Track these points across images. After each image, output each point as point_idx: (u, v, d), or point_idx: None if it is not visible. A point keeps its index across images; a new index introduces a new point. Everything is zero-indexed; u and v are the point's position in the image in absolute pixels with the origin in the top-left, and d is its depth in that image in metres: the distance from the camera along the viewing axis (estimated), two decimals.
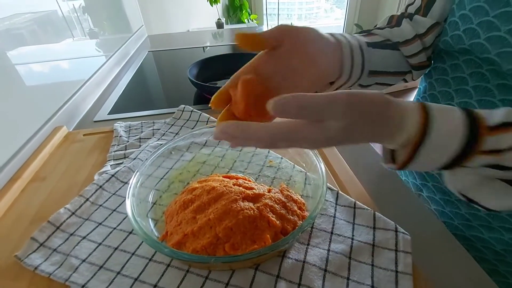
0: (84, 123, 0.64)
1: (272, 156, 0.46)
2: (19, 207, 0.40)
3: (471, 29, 0.36)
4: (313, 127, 0.23)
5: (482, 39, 0.35)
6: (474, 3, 0.35)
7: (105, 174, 0.43)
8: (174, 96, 0.78)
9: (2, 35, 0.50)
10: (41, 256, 0.32)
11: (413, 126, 0.24)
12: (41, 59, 0.62)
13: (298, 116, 0.22)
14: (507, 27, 0.31)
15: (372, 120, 0.23)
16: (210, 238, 0.28)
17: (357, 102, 0.23)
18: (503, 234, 0.42)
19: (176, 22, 2.01)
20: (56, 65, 0.67)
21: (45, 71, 0.63)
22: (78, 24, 0.82)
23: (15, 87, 0.51)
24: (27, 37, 0.58)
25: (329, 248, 0.32)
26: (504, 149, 0.23)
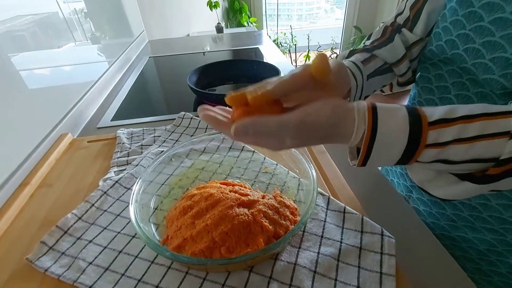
0: (88, 130, 0.67)
1: (267, 162, 0.49)
2: (29, 212, 0.43)
3: (451, 40, 0.38)
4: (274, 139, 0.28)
5: (460, 50, 0.37)
6: (454, 17, 0.37)
7: (109, 180, 0.45)
8: (175, 102, 0.80)
9: (4, 36, 0.52)
10: (50, 259, 0.35)
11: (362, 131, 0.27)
12: (44, 64, 0.64)
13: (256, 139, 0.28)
14: (481, 40, 0.34)
15: (321, 137, 0.28)
16: (208, 242, 0.31)
17: (303, 130, 0.27)
18: (486, 235, 0.44)
19: (176, 26, 2.04)
20: (59, 71, 0.70)
21: (50, 77, 0.65)
22: (79, 27, 0.83)
23: (21, 94, 0.53)
24: (28, 39, 0.59)
25: (319, 251, 0.35)
26: (445, 142, 0.26)
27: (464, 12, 0.35)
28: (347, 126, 0.27)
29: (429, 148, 0.27)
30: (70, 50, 0.77)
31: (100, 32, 0.97)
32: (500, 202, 0.41)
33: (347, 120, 0.27)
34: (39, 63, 0.62)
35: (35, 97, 0.57)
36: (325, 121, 0.27)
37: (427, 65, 0.46)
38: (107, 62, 0.96)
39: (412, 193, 0.53)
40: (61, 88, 0.67)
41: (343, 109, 0.28)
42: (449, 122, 0.27)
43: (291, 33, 3.15)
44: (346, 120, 0.27)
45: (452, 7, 0.37)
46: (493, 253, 0.45)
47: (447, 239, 0.49)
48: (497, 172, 0.26)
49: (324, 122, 0.27)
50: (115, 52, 1.05)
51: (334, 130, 0.27)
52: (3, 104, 0.48)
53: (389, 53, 0.44)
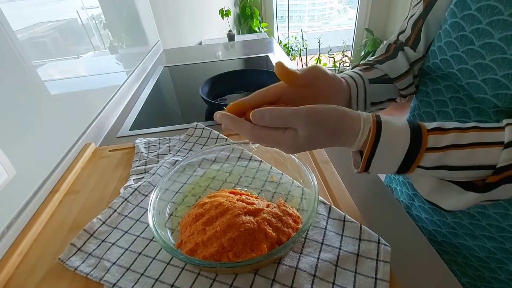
0: (108, 139, 0.72)
1: (273, 172, 0.52)
2: (59, 216, 0.48)
3: (446, 59, 0.41)
4: (288, 135, 0.30)
5: (455, 69, 0.39)
6: (447, 38, 0.40)
7: (129, 188, 0.50)
8: (188, 112, 0.85)
9: (27, 43, 0.55)
10: (79, 259, 0.39)
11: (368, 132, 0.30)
12: (67, 74, 0.69)
13: (271, 124, 0.30)
14: (472, 62, 0.36)
15: (329, 131, 0.30)
16: (217, 247, 0.34)
17: (314, 118, 0.29)
18: (485, 242, 0.45)
19: (189, 34, 2.11)
20: (82, 81, 0.75)
21: (73, 87, 0.70)
22: (97, 32, 0.88)
23: (49, 105, 0.58)
24: (49, 45, 0.63)
25: (319, 256, 0.37)
26: (443, 146, 0.29)
27: (456, 35, 0.38)
28: (354, 123, 0.30)
29: (430, 152, 0.29)
30: (90, 60, 0.82)
31: (118, 41, 1.03)
32: (498, 211, 0.42)
33: (352, 118, 0.30)
34: (62, 74, 0.67)
35: (62, 107, 0.62)
36: (333, 112, 0.30)
37: (426, 80, 0.48)
38: (125, 72, 1.02)
39: (414, 201, 0.55)
40: (84, 98, 0.73)
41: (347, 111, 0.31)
42: (445, 131, 0.30)
43: (302, 36, 3.17)
44: (351, 118, 0.30)
45: (446, 29, 0.40)
46: (493, 260, 0.46)
47: (449, 246, 0.51)
48: (495, 180, 0.28)
49: (333, 112, 0.30)
50: (133, 62, 1.11)
51: (341, 122, 0.30)
52: (36, 115, 0.53)
53: (391, 68, 0.47)
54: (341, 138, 0.31)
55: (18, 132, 0.48)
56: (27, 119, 0.50)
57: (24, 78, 0.53)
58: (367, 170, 0.32)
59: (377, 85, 0.46)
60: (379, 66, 0.47)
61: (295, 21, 3.95)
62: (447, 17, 0.40)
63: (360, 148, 0.32)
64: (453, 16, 0.39)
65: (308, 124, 0.29)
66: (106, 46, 0.95)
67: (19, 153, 0.47)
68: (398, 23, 2.97)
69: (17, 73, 0.51)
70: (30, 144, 0.50)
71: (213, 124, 0.74)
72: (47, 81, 0.59)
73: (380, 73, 0.47)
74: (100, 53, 0.89)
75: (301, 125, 0.29)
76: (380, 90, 0.47)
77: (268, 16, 3.22)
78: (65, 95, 0.65)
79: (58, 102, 0.61)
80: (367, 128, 0.30)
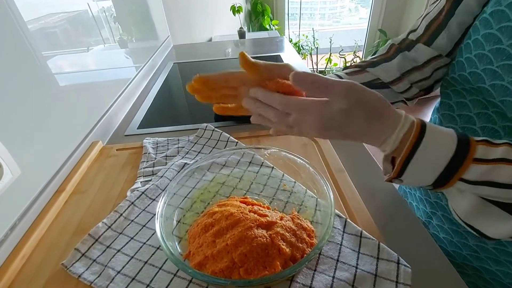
0: (116, 137, 0.71)
1: (286, 180, 0.50)
2: (64, 218, 0.47)
3: (477, 73, 0.37)
4: (320, 103, 0.28)
5: (487, 85, 0.36)
6: (479, 50, 0.36)
7: (136, 191, 0.48)
8: (197, 111, 0.83)
9: (39, 33, 0.54)
10: (83, 265, 0.38)
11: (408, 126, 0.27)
12: (76, 68, 0.68)
13: (310, 88, 0.29)
14: (510, 78, 0.33)
15: (369, 110, 0.28)
16: (227, 262, 0.32)
17: (356, 90, 0.28)
18: (510, 268, 0.43)
19: (199, 30, 2.09)
20: (90, 75, 0.73)
21: (81, 82, 0.68)
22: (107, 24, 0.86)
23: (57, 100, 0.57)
24: (60, 36, 0.62)
25: (334, 275, 0.35)
26: (494, 159, 0.26)
27: (491, 48, 0.34)
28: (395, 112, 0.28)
29: (477, 163, 0.26)
30: (100, 53, 0.80)
31: (128, 34, 1.01)
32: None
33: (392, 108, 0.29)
34: (71, 66, 0.65)
35: (69, 103, 0.60)
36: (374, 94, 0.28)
37: (449, 91, 0.45)
38: (135, 68, 1.00)
39: (432, 219, 0.52)
40: (92, 93, 0.71)
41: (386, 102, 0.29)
42: (495, 144, 0.27)
43: (313, 35, 3.12)
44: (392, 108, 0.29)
45: (478, 40, 0.36)
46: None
47: (470, 269, 0.48)
48: None
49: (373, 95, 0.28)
50: (142, 57, 1.09)
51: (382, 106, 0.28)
52: (42, 111, 0.52)
53: (384, 72, 0.45)
54: (380, 121, 0.28)
55: (23, 129, 0.46)
56: (33, 115, 0.49)
57: (33, 70, 0.51)
58: (401, 175, 0.29)
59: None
60: (371, 69, 0.45)
61: (305, 19, 3.89)
62: (478, 26, 0.37)
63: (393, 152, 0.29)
64: (488, 26, 0.35)
65: (348, 95, 0.27)
66: (115, 39, 0.93)
67: (24, 151, 0.45)
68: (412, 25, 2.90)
69: (26, 64, 0.49)
70: (36, 142, 0.49)
71: (223, 125, 0.72)
72: (57, 74, 0.58)
73: (371, 77, 0.45)
74: (109, 47, 0.88)
75: (341, 95, 0.27)
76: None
77: (279, 14, 3.18)
78: (73, 90, 0.64)
79: (65, 97, 0.59)
80: (408, 122, 0.27)
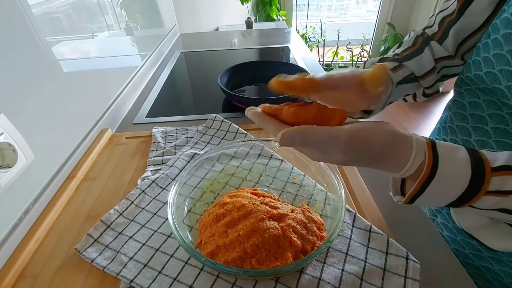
0: (124, 125, 0.71)
1: (295, 173, 0.50)
2: (75, 203, 0.47)
3: (493, 73, 0.37)
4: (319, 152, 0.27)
5: (503, 86, 0.36)
6: (497, 50, 0.36)
7: (147, 180, 0.49)
8: (205, 102, 0.83)
9: (42, 18, 0.53)
10: (96, 251, 0.39)
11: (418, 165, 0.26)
12: (82, 55, 0.67)
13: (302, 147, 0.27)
14: None
15: (370, 160, 0.27)
16: (240, 252, 0.33)
17: (354, 144, 0.26)
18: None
19: (206, 19, 2.06)
20: (97, 62, 0.72)
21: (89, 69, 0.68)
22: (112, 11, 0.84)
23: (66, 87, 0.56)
24: (63, 21, 0.61)
25: (343, 268, 0.36)
26: (509, 190, 0.25)
27: (510, 48, 0.34)
28: (403, 151, 0.26)
29: (490, 195, 0.25)
30: (106, 40, 0.79)
31: (134, 21, 1.00)
32: None
33: (403, 145, 0.26)
34: (77, 53, 0.65)
35: (79, 90, 0.60)
36: (380, 139, 0.26)
37: (462, 91, 0.45)
38: (141, 56, 1.00)
39: (436, 217, 0.53)
40: (100, 81, 0.71)
41: (400, 133, 0.27)
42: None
43: (321, 28, 3.07)
44: (402, 144, 0.26)
45: (497, 40, 0.36)
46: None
47: (471, 268, 0.48)
48: None
49: (379, 140, 0.26)
50: (149, 46, 1.08)
51: (388, 151, 0.26)
52: (54, 97, 0.52)
53: (417, 65, 0.44)
54: (382, 166, 0.27)
55: (36, 115, 0.47)
56: (44, 102, 0.49)
57: (39, 56, 0.51)
58: (411, 203, 0.28)
59: (402, 85, 0.44)
60: (407, 63, 0.45)
61: (313, 10, 3.81)
62: (499, 26, 0.36)
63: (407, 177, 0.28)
64: (508, 26, 0.35)
65: (346, 152, 0.26)
66: (121, 26, 0.92)
67: (37, 137, 0.46)
68: (422, 19, 2.84)
69: (33, 50, 0.49)
70: (47, 128, 0.49)
71: (231, 116, 0.72)
72: (62, 60, 0.57)
73: (407, 73, 0.45)
74: (115, 34, 0.87)
75: (337, 152, 0.26)
76: (401, 90, 0.44)
77: (287, 4, 3.13)
78: (81, 77, 0.63)
79: (74, 84, 0.59)
80: (418, 161, 0.26)
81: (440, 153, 0.26)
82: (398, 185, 0.31)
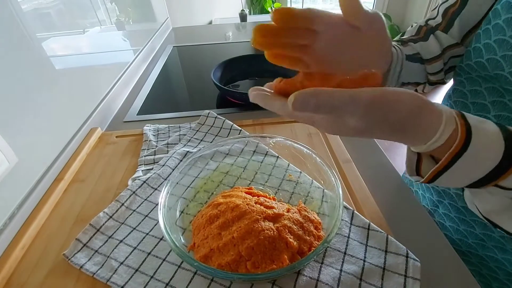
0: (115, 124, 0.69)
1: (291, 170, 0.49)
2: (64, 207, 0.45)
3: (495, 59, 0.36)
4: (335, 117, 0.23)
5: (506, 72, 0.35)
6: (499, 36, 0.35)
7: (138, 180, 0.47)
8: (199, 98, 0.81)
9: (32, 14, 0.51)
10: (85, 256, 0.37)
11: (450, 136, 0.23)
12: (72, 51, 0.65)
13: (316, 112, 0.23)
14: None
15: (394, 128, 0.23)
16: (234, 256, 0.31)
17: (378, 107, 0.22)
18: None
19: (199, 12, 2.02)
20: (87, 58, 0.70)
21: (78, 66, 0.65)
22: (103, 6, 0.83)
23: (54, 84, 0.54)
24: (54, 17, 0.59)
25: (342, 268, 0.35)
26: None
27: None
28: (430, 119, 0.23)
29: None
30: (96, 36, 0.77)
31: (125, 16, 0.97)
32: None
33: (431, 112, 0.23)
34: (67, 49, 0.63)
35: (67, 87, 0.58)
36: (407, 103, 0.22)
37: (462, 79, 0.44)
38: (133, 51, 0.97)
39: (438, 207, 0.52)
40: (90, 77, 0.68)
41: (428, 101, 0.23)
42: None
43: None
44: (430, 110, 0.23)
45: (499, 25, 0.34)
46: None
47: (474, 257, 0.48)
48: None
49: (406, 104, 0.22)
50: (140, 40, 1.05)
51: (413, 121, 0.23)
52: (39, 95, 0.49)
53: (424, 50, 0.43)
54: (406, 137, 0.24)
55: (20, 115, 0.44)
56: (29, 100, 0.47)
57: (28, 52, 0.48)
58: (431, 182, 0.26)
59: (410, 63, 0.42)
60: (413, 44, 0.43)
61: (308, 2, 3.75)
62: (500, 11, 0.35)
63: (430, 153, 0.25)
64: (510, 11, 0.33)
65: (366, 116, 0.22)
66: (112, 21, 0.89)
67: (21, 138, 0.44)
68: (418, 10, 2.81)
69: (21, 46, 0.47)
70: (33, 128, 0.47)
71: (225, 112, 0.70)
72: (52, 57, 0.55)
73: (414, 51, 0.43)
74: (106, 29, 0.85)
75: (356, 117, 0.22)
76: (412, 69, 0.42)
77: None
78: (69, 74, 0.61)
79: (61, 81, 0.57)
80: (449, 131, 0.23)
81: (472, 124, 0.23)
82: (414, 164, 0.28)
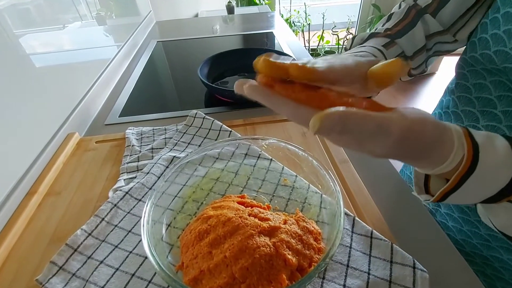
0: (95, 127, 0.64)
1: (286, 173, 0.45)
2: (38, 223, 0.41)
3: (504, 52, 0.33)
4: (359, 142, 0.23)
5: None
6: (509, 25, 0.32)
7: (119, 191, 0.43)
8: (185, 96, 0.76)
9: (11, 10, 0.48)
10: (61, 281, 0.33)
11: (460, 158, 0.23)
12: (51, 48, 0.60)
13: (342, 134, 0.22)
14: None
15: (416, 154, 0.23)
16: (227, 278, 0.28)
17: (410, 137, 0.21)
18: None
19: (184, 5, 1.94)
20: (65, 56, 0.65)
21: (55, 64, 0.61)
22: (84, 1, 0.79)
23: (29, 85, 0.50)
24: (34, 13, 0.56)
25: (345, 283, 0.32)
26: None
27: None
28: (446, 144, 0.23)
29: None
30: (75, 31, 0.72)
31: (106, 10, 0.92)
32: None
33: (447, 137, 0.23)
34: (44, 47, 0.58)
35: (41, 88, 0.53)
36: (431, 132, 0.22)
37: (465, 72, 0.41)
38: (115, 47, 0.91)
39: (440, 207, 0.50)
40: (67, 77, 0.63)
41: (442, 125, 0.23)
42: None
43: (305, 11, 2.97)
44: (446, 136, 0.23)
45: (509, 14, 0.31)
46: None
47: (478, 258, 0.46)
48: None
49: (430, 133, 0.22)
50: (122, 36, 0.99)
51: (430, 152, 0.23)
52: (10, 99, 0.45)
53: (409, 43, 0.40)
54: (424, 162, 0.24)
55: None
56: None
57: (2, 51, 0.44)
58: (442, 201, 0.25)
59: None
60: (399, 41, 0.41)
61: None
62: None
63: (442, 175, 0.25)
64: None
65: (396, 147, 0.22)
66: (93, 16, 0.83)
67: None
68: None
69: None
70: (1, 135, 0.42)
71: (214, 111, 0.66)
72: (31, 55, 0.50)
73: (399, 51, 0.41)
74: (87, 24, 0.79)
75: (385, 146, 0.22)
76: None
77: None
78: (45, 73, 0.56)
79: (36, 82, 0.52)
80: (460, 155, 0.22)
81: (479, 143, 0.22)
82: (422, 182, 0.28)
